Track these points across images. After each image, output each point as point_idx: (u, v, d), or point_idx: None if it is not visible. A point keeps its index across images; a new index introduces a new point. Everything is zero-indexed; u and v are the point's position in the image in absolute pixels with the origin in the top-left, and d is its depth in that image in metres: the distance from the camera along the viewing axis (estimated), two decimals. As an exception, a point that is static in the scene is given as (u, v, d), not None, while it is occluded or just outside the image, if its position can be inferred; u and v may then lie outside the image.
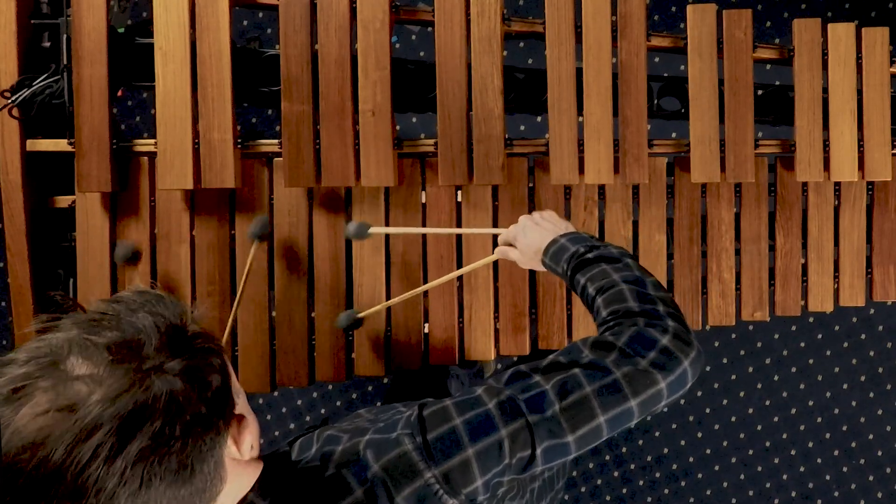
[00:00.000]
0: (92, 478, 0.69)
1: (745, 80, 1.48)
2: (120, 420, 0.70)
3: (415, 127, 2.39)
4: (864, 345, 2.42)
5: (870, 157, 1.49)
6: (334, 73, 1.44)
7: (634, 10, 1.47)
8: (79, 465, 0.68)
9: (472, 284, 1.51)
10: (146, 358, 0.74)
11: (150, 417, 0.71)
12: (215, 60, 1.45)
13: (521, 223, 1.28)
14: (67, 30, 1.46)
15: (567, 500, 2.49)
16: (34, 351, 0.74)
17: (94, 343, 0.73)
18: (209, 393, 0.76)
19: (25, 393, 0.70)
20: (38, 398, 0.70)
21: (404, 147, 1.49)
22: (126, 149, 1.50)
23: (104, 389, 0.70)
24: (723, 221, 1.53)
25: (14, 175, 1.49)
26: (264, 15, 2.43)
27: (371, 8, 1.45)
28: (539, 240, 1.22)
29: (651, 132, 1.49)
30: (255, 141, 1.51)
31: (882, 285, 1.56)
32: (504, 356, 1.57)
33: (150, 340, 0.75)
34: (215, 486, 0.78)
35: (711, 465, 2.47)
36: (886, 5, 2.38)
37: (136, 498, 0.71)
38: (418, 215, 1.51)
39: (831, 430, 2.44)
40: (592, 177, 1.48)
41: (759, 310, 1.55)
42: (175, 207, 1.51)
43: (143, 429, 0.70)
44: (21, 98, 1.45)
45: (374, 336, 1.52)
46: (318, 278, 1.52)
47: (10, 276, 1.52)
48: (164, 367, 0.74)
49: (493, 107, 1.46)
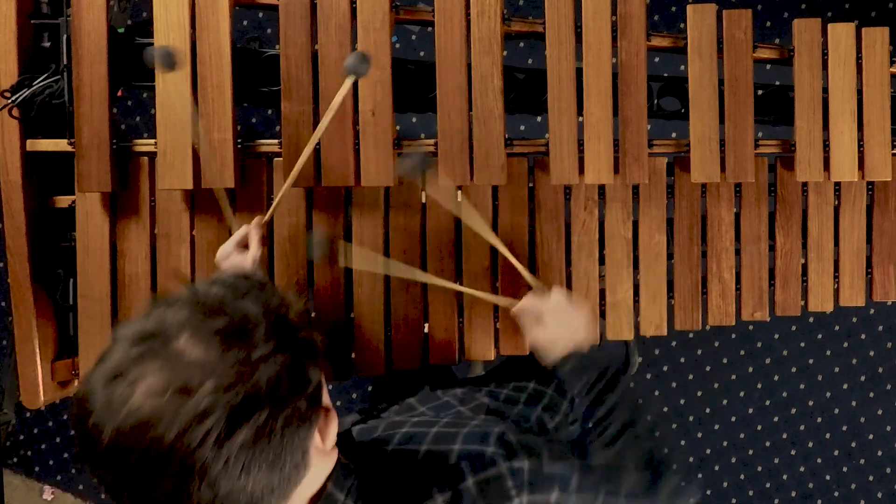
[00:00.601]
0: (199, 462, 0.71)
1: (745, 80, 1.48)
2: (231, 409, 0.72)
3: (415, 127, 2.39)
4: (864, 345, 2.42)
5: (870, 157, 1.49)
6: (334, 73, 1.44)
7: (634, 10, 1.47)
8: (189, 448, 0.71)
9: (473, 284, 1.51)
10: (254, 347, 0.75)
11: (257, 409, 0.73)
12: (215, 60, 1.45)
13: (557, 304, 1.26)
14: (67, 30, 1.45)
15: (567, 500, 2.49)
16: (145, 329, 0.75)
17: (207, 327, 0.75)
18: (309, 388, 0.79)
19: (140, 372, 0.72)
20: (152, 379, 0.72)
21: (404, 147, 1.49)
22: (126, 149, 1.50)
23: (217, 376, 0.72)
24: (723, 221, 1.53)
25: (14, 175, 1.49)
26: (264, 15, 2.43)
27: (371, 8, 1.45)
28: (568, 338, 1.23)
29: (651, 132, 1.49)
30: (255, 141, 1.51)
31: (882, 285, 1.56)
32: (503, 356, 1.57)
33: (258, 329, 0.76)
34: (300, 473, 0.81)
35: (711, 465, 2.47)
36: (886, 5, 2.38)
37: (235, 483, 0.73)
38: (418, 215, 1.51)
39: (831, 430, 2.44)
40: (592, 177, 1.48)
41: (759, 310, 1.55)
42: (175, 207, 1.51)
43: (251, 420, 0.73)
44: (21, 98, 1.45)
45: (374, 336, 1.52)
46: (318, 278, 1.52)
47: (11, 276, 1.52)
48: (271, 359, 0.75)
49: (493, 107, 1.46)
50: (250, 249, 1.34)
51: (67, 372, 1.56)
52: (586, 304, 1.27)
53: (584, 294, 1.52)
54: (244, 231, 1.35)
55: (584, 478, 0.99)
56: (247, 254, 1.34)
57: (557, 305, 1.27)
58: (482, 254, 1.50)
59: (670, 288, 1.54)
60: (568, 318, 1.27)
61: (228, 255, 1.34)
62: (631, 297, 1.53)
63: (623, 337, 1.54)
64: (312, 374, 0.80)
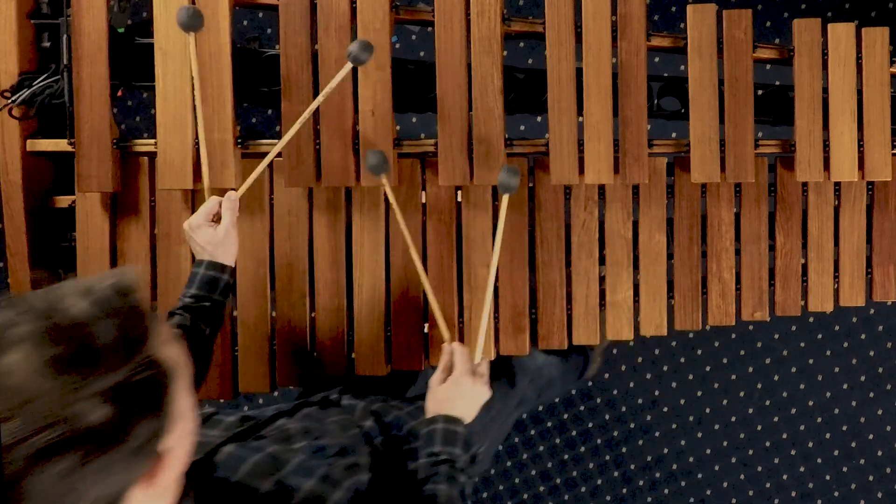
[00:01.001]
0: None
1: (745, 80, 1.48)
2: (36, 450, 0.67)
3: (415, 127, 2.39)
4: (864, 345, 2.42)
5: (870, 157, 1.49)
6: (334, 73, 1.44)
7: (634, 10, 1.47)
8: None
9: (472, 284, 1.51)
10: (87, 383, 0.68)
11: (67, 450, 0.68)
12: (215, 60, 1.45)
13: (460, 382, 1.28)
14: (67, 30, 1.45)
15: (567, 500, 2.49)
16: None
17: (45, 351, 0.68)
18: (133, 441, 0.72)
19: None
20: None
21: (404, 147, 1.49)
22: (126, 149, 1.50)
23: (32, 412, 0.67)
24: (723, 221, 1.53)
25: (14, 175, 1.49)
26: (264, 15, 2.43)
27: (371, 8, 1.45)
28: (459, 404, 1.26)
29: (651, 132, 1.49)
30: (255, 141, 1.51)
31: (882, 285, 1.56)
32: (504, 356, 1.57)
33: (101, 363, 0.70)
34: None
35: (711, 465, 2.46)
36: (886, 5, 2.38)
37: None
38: (418, 215, 1.51)
39: (831, 430, 2.44)
40: (592, 177, 1.48)
41: (759, 310, 1.55)
42: (175, 207, 1.51)
43: (59, 459, 0.67)
44: (21, 98, 1.45)
45: (374, 336, 1.52)
46: (318, 278, 1.52)
47: (11, 276, 1.52)
48: (99, 405, 0.69)
49: (493, 107, 1.46)
50: (222, 221, 1.31)
51: (67, 372, 1.56)
52: (484, 389, 1.30)
53: (584, 294, 1.52)
54: (214, 202, 1.32)
55: None
56: (218, 226, 1.31)
57: (465, 379, 1.28)
58: (483, 255, 1.50)
59: (670, 288, 1.54)
60: (470, 393, 1.28)
61: (199, 226, 1.31)
62: (631, 297, 1.53)
63: (623, 337, 1.54)
64: (142, 429, 0.72)
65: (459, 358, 1.30)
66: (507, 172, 1.34)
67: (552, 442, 2.48)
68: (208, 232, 1.31)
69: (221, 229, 1.31)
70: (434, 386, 1.29)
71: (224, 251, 1.32)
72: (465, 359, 1.30)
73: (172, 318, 1.28)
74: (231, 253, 1.33)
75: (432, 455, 1.20)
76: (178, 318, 1.28)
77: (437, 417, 1.24)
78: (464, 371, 1.28)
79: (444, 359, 1.32)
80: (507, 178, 1.34)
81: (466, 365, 1.29)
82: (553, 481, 2.49)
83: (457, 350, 1.31)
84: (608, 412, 2.46)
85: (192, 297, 1.30)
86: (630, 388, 2.45)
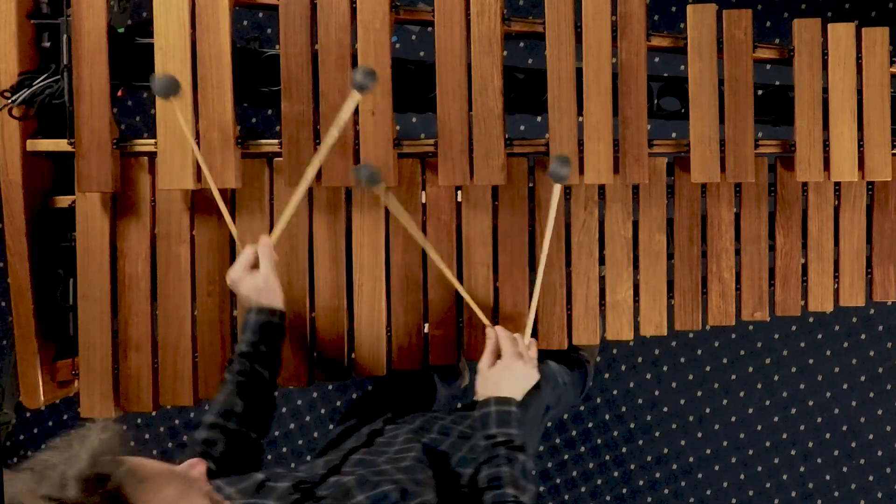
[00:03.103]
0: None
1: (745, 80, 1.48)
2: None
3: (415, 127, 2.39)
4: (864, 345, 2.42)
5: (870, 157, 1.49)
6: (334, 73, 1.44)
7: (634, 10, 1.47)
8: None
9: (472, 284, 1.51)
10: None
11: None
12: (215, 60, 1.45)
13: (511, 365, 1.31)
14: (67, 30, 1.45)
15: (567, 500, 2.49)
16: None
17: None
18: None
19: None
20: None
21: (404, 147, 1.49)
22: (126, 149, 1.50)
23: None
24: (723, 221, 1.53)
25: (14, 175, 1.49)
26: (264, 15, 2.43)
27: (371, 8, 1.45)
28: (508, 385, 1.29)
29: (651, 132, 1.49)
30: (255, 141, 1.50)
31: (882, 285, 1.56)
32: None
33: None
34: None
35: (711, 465, 2.47)
36: (886, 5, 2.38)
37: None
38: (418, 215, 1.51)
39: (831, 430, 2.44)
40: (592, 177, 1.48)
41: (759, 310, 1.55)
42: (175, 207, 1.51)
43: None
44: (21, 98, 1.45)
45: (374, 336, 1.52)
46: (318, 278, 1.52)
47: (11, 276, 1.52)
48: None
49: (493, 107, 1.46)
50: (261, 269, 1.34)
51: (67, 372, 1.56)
52: (534, 371, 1.34)
53: (584, 294, 1.52)
54: (250, 251, 1.35)
55: None
56: (258, 274, 1.34)
57: (514, 362, 1.31)
58: (483, 255, 1.50)
59: (670, 288, 1.54)
60: (520, 375, 1.31)
61: (241, 278, 1.34)
62: (631, 297, 1.53)
63: (623, 337, 1.54)
64: None
65: (506, 342, 1.33)
66: (558, 162, 1.32)
67: (552, 442, 2.48)
68: (250, 281, 1.34)
69: (261, 277, 1.34)
70: (484, 370, 1.31)
71: (269, 296, 1.34)
72: (511, 342, 1.33)
73: (232, 365, 1.32)
74: (277, 296, 1.36)
75: (489, 437, 1.23)
76: (237, 366, 1.31)
77: (489, 400, 1.27)
78: (513, 354, 1.31)
79: (490, 343, 1.34)
80: (559, 168, 1.32)
81: (514, 348, 1.32)
82: (553, 481, 2.50)
83: (501, 334, 1.34)
84: (608, 412, 2.46)
85: (248, 345, 1.32)
86: (630, 388, 2.45)
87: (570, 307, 1.54)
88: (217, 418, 1.26)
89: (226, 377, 1.31)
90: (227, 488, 1.03)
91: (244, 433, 1.26)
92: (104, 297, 1.52)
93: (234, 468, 1.18)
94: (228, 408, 1.27)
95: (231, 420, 1.26)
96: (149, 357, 1.52)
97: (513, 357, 1.31)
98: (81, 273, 1.52)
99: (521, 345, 1.34)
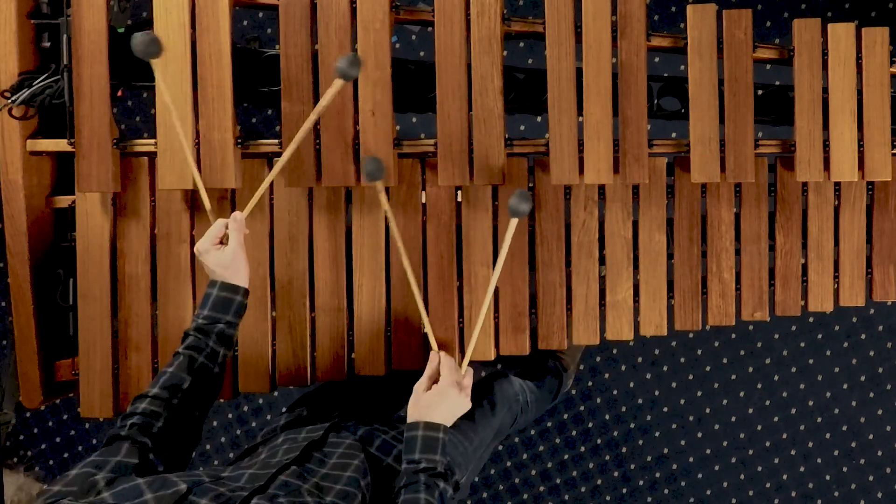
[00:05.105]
0: None
1: (745, 80, 1.48)
2: None
3: (415, 127, 2.39)
4: (864, 345, 2.42)
5: (870, 157, 1.49)
6: (334, 72, 1.44)
7: (634, 10, 1.47)
8: None
9: (472, 284, 1.51)
10: None
11: None
12: (215, 60, 1.45)
13: (446, 392, 1.31)
14: (67, 30, 1.46)
15: (567, 500, 2.49)
16: None
17: None
18: None
19: None
20: None
21: (404, 147, 1.49)
22: (126, 149, 1.50)
23: None
24: (723, 221, 1.53)
25: (14, 175, 1.49)
26: (264, 15, 2.43)
27: (371, 8, 1.45)
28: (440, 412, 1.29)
29: (651, 132, 1.49)
30: (255, 141, 1.51)
31: (882, 285, 1.56)
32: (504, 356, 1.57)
33: None
34: None
35: (711, 465, 2.47)
36: (886, 5, 2.38)
37: None
38: (418, 215, 1.51)
39: (831, 430, 2.44)
40: (592, 177, 1.48)
41: (759, 310, 1.55)
42: (175, 207, 1.51)
43: None
44: (21, 98, 1.45)
45: (374, 336, 1.52)
46: (318, 278, 1.52)
47: (11, 276, 1.52)
48: None
49: (493, 107, 1.46)
50: (229, 243, 1.32)
51: (67, 372, 1.56)
52: (466, 401, 1.34)
53: (584, 294, 1.52)
54: (220, 224, 1.33)
55: None
56: (226, 249, 1.32)
57: (450, 389, 1.31)
58: (483, 255, 1.50)
59: (670, 288, 1.54)
60: (453, 403, 1.31)
61: (208, 251, 1.32)
62: (631, 297, 1.53)
63: (623, 337, 1.54)
64: None
65: (446, 368, 1.33)
66: (518, 197, 1.28)
67: (552, 442, 2.48)
68: (217, 255, 1.32)
69: (229, 251, 1.32)
70: (419, 392, 1.31)
71: (234, 272, 1.33)
72: (451, 370, 1.33)
73: (186, 339, 1.30)
74: (242, 273, 1.34)
75: (412, 462, 1.23)
76: (191, 340, 1.29)
77: (417, 424, 1.27)
78: (450, 382, 1.31)
79: (430, 366, 1.34)
80: (518, 203, 1.28)
81: (452, 376, 1.32)
82: (553, 481, 2.50)
83: (444, 360, 1.34)
84: (608, 412, 2.46)
85: (205, 319, 1.31)
86: (630, 388, 2.45)
87: (569, 307, 1.54)
88: (161, 391, 1.22)
89: (179, 350, 1.28)
90: (147, 493, 1.01)
91: (188, 411, 1.24)
92: (104, 297, 1.52)
93: (170, 448, 1.17)
94: (175, 382, 1.24)
95: (176, 395, 1.23)
96: (149, 357, 1.52)
97: (450, 385, 1.31)
98: (81, 273, 1.52)
99: (458, 374, 1.34)
